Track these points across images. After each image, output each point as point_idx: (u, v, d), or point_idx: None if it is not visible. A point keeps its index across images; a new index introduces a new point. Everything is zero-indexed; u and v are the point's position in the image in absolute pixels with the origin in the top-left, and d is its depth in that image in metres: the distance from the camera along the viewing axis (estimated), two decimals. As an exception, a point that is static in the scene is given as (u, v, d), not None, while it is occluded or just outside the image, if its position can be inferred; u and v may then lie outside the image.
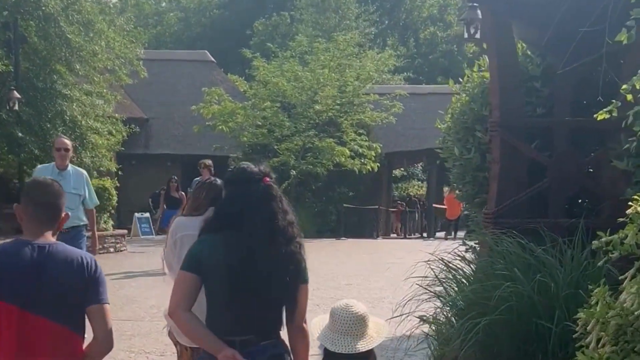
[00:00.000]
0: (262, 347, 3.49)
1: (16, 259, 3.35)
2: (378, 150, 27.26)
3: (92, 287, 3.43)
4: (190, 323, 3.43)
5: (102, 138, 20.13)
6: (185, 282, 3.45)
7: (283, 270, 3.49)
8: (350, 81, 27.12)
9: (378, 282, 13.98)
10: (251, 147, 27.57)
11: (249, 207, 3.50)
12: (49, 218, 3.49)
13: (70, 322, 3.41)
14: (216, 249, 3.47)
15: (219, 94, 27.17)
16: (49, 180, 3.63)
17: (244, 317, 3.46)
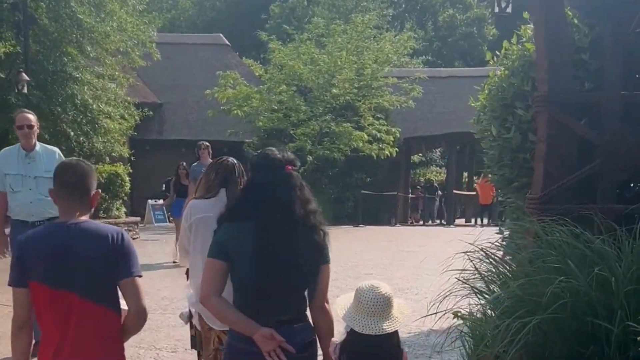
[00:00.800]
0: (296, 329, 3.60)
1: (46, 240, 3.46)
2: (397, 134, 26.64)
3: (121, 260, 3.48)
4: (223, 308, 3.55)
5: (115, 122, 19.58)
6: (214, 269, 3.55)
7: (304, 255, 3.56)
8: (368, 64, 26.44)
9: (399, 272, 13.39)
10: (266, 132, 27.01)
11: (269, 193, 3.57)
12: (76, 198, 3.55)
13: (104, 298, 3.47)
14: (240, 235, 3.55)
15: (234, 78, 26.60)
16: (75, 161, 3.67)
17: (271, 300, 3.54)
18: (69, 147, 18.62)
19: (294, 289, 3.63)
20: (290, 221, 3.55)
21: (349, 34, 26.90)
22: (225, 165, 5.12)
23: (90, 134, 18.82)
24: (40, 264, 3.42)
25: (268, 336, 3.45)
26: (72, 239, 3.44)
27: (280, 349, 3.49)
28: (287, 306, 3.60)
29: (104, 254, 3.45)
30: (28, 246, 3.49)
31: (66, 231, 3.46)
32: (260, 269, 3.50)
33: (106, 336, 3.53)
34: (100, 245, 3.45)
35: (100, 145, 19.10)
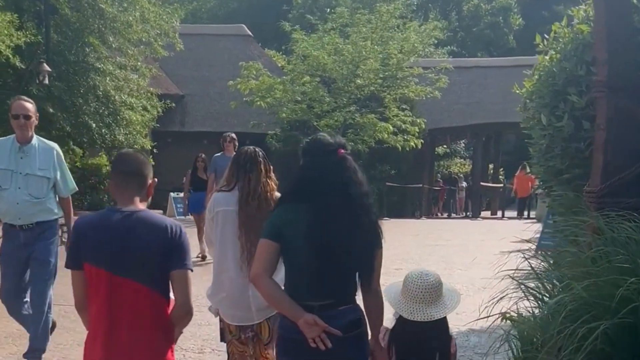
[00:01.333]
0: (341, 312, 3.59)
1: (104, 226, 3.54)
2: (422, 125, 26.12)
3: (175, 252, 3.54)
4: (271, 289, 3.60)
5: (137, 114, 19.27)
6: (266, 250, 3.61)
7: (359, 238, 3.59)
8: (393, 54, 25.94)
9: (430, 267, 12.86)
10: (289, 123, 26.61)
11: (323, 177, 3.63)
12: (134, 186, 3.63)
13: (156, 285, 3.54)
14: (294, 217, 3.61)
15: (256, 69, 26.18)
16: (132, 151, 3.84)
17: (322, 282, 3.56)
18: (90, 139, 18.36)
19: (345, 272, 3.66)
20: (343, 204, 3.60)
21: (373, 23, 26.41)
22: (245, 154, 5.10)
23: (112, 125, 18.54)
24: (96, 249, 3.52)
25: (311, 322, 3.48)
26: (130, 226, 3.52)
27: (325, 333, 3.52)
28: (337, 289, 3.63)
29: (161, 243, 3.53)
30: (84, 230, 3.60)
31: (125, 218, 3.54)
32: (312, 251, 3.54)
33: (159, 322, 3.60)
34: (158, 234, 3.54)
35: (122, 137, 18.81)
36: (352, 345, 3.65)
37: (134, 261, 3.50)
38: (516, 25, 47.03)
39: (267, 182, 5.00)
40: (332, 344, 3.52)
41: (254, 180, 4.93)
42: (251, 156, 5.07)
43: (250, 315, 4.92)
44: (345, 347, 3.58)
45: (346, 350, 3.60)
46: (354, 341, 3.66)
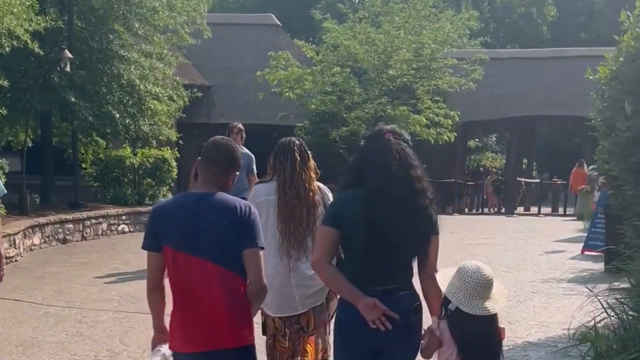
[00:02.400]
0: (401, 297, 3.68)
1: (179, 208, 3.72)
2: (456, 118, 25.22)
3: (246, 231, 3.67)
4: (331, 274, 3.70)
5: (162, 104, 18.54)
6: (326, 236, 3.70)
7: (413, 223, 3.63)
8: (428, 44, 25.05)
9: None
10: (318, 115, 25.83)
11: (368, 161, 3.75)
12: (213, 172, 3.78)
13: (230, 264, 3.64)
14: (351, 204, 3.68)
15: (285, 59, 25.39)
16: (221, 140, 3.88)
17: (381, 268, 3.64)
18: (114, 129, 17.68)
19: (401, 258, 3.72)
20: (394, 188, 3.62)
21: (407, 12, 25.52)
22: (279, 145, 5.19)
23: (137, 116, 17.83)
24: (172, 231, 3.68)
25: (371, 305, 3.55)
26: (203, 208, 3.68)
27: (385, 316, 3.57)
28: (395, 274, 3.70)
29: (231, 223, 3.66)
30: (162, 213, 3.78)
31: (197, 201, 3.71)
32: (369, 236, 3.60)
33: (235, 301, 3.69)
34: (228, 215, 3.66)
35: (147, 128, 18.12)
36: (410, 330, 3.74)
37: (208, 241, 3.64)
38: (550, 17, 45.89)
39: (303, 171, 5.05)
40: (395, 328, 3.59)
41: (289, 169, 5.00)
42: (285, 146, 5.14)
43: (294, 305, 4.95)
44: (403, 331, 3.67)
45: (404, 335, 3.69)
46: (412, 326, 3.75)
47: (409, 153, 3.77)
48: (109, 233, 16.54)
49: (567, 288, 10.36)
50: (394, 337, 3.64)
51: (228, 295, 3.68)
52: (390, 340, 3.64)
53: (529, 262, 12.80)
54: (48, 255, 12.98)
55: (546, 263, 12.75)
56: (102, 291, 10.18)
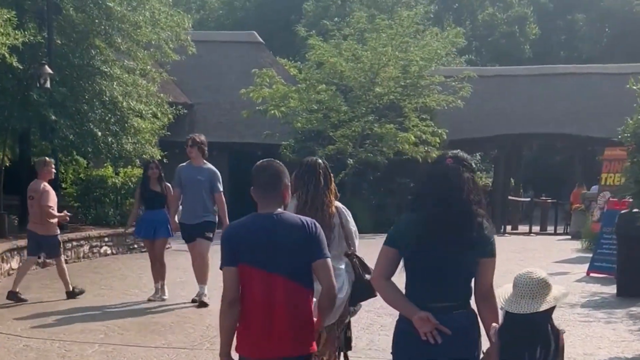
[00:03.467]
0: (455, 316, 3.79)
1: (252, 229, 4.04)
2: (444, 136, 24.81)
3: (314, 244, 4.04)
4: (387, 290, 3.92)
5: (146, 121, 17.89)
6: (386, 255, 3.92)
7: (463, 245, 3.79)
8: (415, 60, 24.63)
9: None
10: (304, 133, 25.36)
11: (429, 185, 3.98)
12: (271, 194, 4.11)
13: (302, 278, 4.02)
14: (411, 225, 3.89)
15: (270, 76, 24.98)
16: (266, 163, 4.20)
17: (434, 287, 3.82)
18: (95, 148, 17.01)
19: (455, 278, 3.82)
20: (449, 212, 3.78)
21: (394, 28, 25.11)
22: (304, 166, 5.35)
23: (119, 134, 17.17)
24: (249, 249, 3.95)
25: (424, 319, 3.70)
26: (276, 227, 3.99)
27: (437, 331, 3.72)
28: (448, 293, 3.81)
29: (302, 239, 3.99)
30: (236, 232, 4.08)
31: (269, 220, 4.02)
32: (422, 257, 3.82)
33: (305, 312, 4.02)
34: (299, 231, 4.00)
35: (130, 146, 17.44)
36: (463, 348, 3.82)
37: (282, 257, 3.95)
38: (533, 35, 45.80)
39: (325, 193, 5.18)
40: (443, 345, 3.72)
41: (311, 191, 5.14)
42: (311, 167, 5.29)
43: None
44: (456, 348, 3.78)
45: (457, 352, 3.79)
46: (465, 344, 3.84)
47: (465, 178, 3.87)
48: (91, 256, 15.85)
49: (583, 314, 9.85)
50: (447, 352, 3.78)
51: (297, 307, 3.99)
52: (444, 354, 3.78)
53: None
54: (27, 280, 12.30)
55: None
56: (87, 321, 9.51)
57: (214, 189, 10.38)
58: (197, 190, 10.37)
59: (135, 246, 16.86)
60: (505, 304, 3.86)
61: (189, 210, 10.56)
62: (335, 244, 5.27)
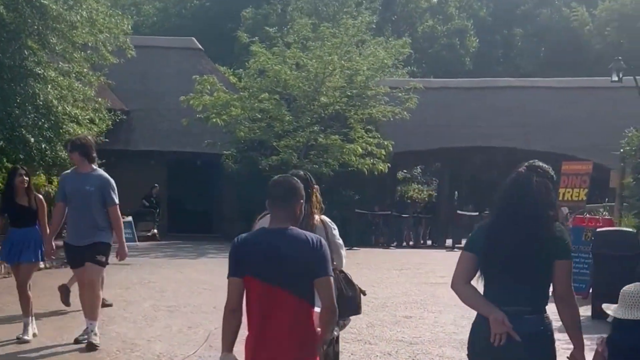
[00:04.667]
0: (527, 320, 3.92)
1: (259, 242, 4.17)
2: (389, 148, 24.21)
3: (317, 261, 4.09)
4: (465, 292, 4.07)
5: (82, 127, 16.79)
6: (463, 260, 4.11)
7: (537, 250, 3.94)
8: (362, 70, 24.00)
9: (446, 315, 10.83)
10: (247, 143, 24.48)
11: (499, 194, 4.21)
12: (284, 209, 4.21)
13: (304, 293, 4.09)
14: (484, 230, 4.14)
15: (211, 83, 24.08)
16: (282, 179, 4.39)
17: (507, 291, 3.96)
18: (28, 155, 15.81)
19: (528, 282, 3.97)
20: (521, 217, 3.98)
21: (339, 37, 24.45)
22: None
23: (54, 140, 16.01)
24: (254, 262, 4.11)
25: (500, 320, 3.84)
26: (282, 241, 4.11)
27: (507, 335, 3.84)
28: (520, 298, 3.94)
29: (304, 254, 4.08)
30: (243, 245, 4.22)
31: (276, 235, 4.15)
32: (495, 262, 4.01)
33: (306, 326, 4.12)
34: (303, 247, 4.09)
35: (65, 153, 16.29)
36: (534, 353, 3.91)
37: (285, 272, 4.06)
38: (473, 48, 45.73)
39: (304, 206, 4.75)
40: (515, 349, 3.83)
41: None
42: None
43: None
44: (527, 354, 3.87)
45: (528, 357, 3.89)
46: (537, 350, 3.92)
47: (537, 185, 4.03)
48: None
49: (564, 340, 9.18)
50: (517, 356, 3.87)
51: (298, 321, 4.07)
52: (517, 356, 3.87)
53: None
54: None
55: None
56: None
57: (107, 201, 8.39)
58: (85, 204, 8.35)
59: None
60: (612, 312, 4.17)
61: (73, 228, 8.60)
62: None
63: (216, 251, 20.33)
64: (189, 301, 11.66)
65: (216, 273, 15.44)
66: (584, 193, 16.14)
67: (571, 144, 26.26)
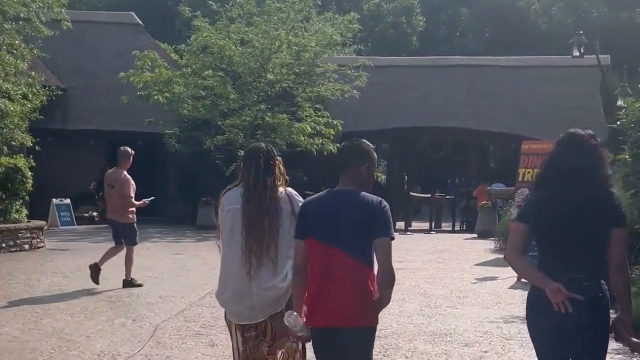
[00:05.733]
0: (584, 288, 3.93)
1: (320, 204, 4.28)
2: (339, 128, 23.37)
3: (377, 223, 4.10)
4: (520, 264, 4.19)
5: (15, 103, 15.63)
6: (518, 231, 4.19)
7: (593, 218, 3.96)
8: (310, 46, 23.11)
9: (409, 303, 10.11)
10: (191, 122, 23.44)
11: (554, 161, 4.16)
12: (346, 171, 4.28)
13: (360, 254, 4.10)
14: (541, 200, 4.12)
15: (152, 59, 22.88)
16: (349, 142, 4.44)
17: (564, 260, 3.99)
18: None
19: (584, 250, 3.99)
20: (581, 186, 3.98)
21: (285, 12, 23.50)
22: (246, 151, 5.29)
23: (-17, 117, 14.91)
24: (314, 223, 4.21)
25: (556, 290, 3.83)
26: (341, 203, 4.18)
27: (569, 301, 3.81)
28: (578, 266, 3.98)
29: (364, 215, 4.10)
30: (307, 207, 4.36)
31: (338, 197, 4.24)
32: (550, 231, 4.03)
33: (364, 288, 4.10)
34: (362, 208, 4.13)
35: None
36: (591, 319, 3.96)
37: (342, 233, 4.11)
38: (419, 27, 45.05)
39: (268, 178, 4.98)
40: (572, 314, 3.82)
41: (252, 177, 4.96)
42: (250, 152, 5.16)
43: (254, 314, 4.91)
44: (584, 319, 3.91)
45: (585, 322, 3.93)
46: (594, 315, 3.97)
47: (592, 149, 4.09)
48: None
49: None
50: (577, 320, 3.88)
51: (354, 282, 4.09)
52: (574, 322, 3.88)
53: (470, 294, 10.90)
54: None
55: (489, 294, 10.89)
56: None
57: None
58: None
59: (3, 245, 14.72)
60: None
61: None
62: (285, 231, 4.92)
63: (160, 235, 19.36)
64: (132, 290, 10.77)
65: (160, 259, 14.57)
66: (545, 173, 15.52)
67: (523, 124, 25.80)
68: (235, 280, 4.91)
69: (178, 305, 9.69)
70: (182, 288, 11.03)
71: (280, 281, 4.84)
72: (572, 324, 3.89)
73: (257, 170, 4.96)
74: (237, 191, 5.01)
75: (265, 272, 4.87)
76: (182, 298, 10.22)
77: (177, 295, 10.45)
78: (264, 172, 4.97)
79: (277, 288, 4.81)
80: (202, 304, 9.77)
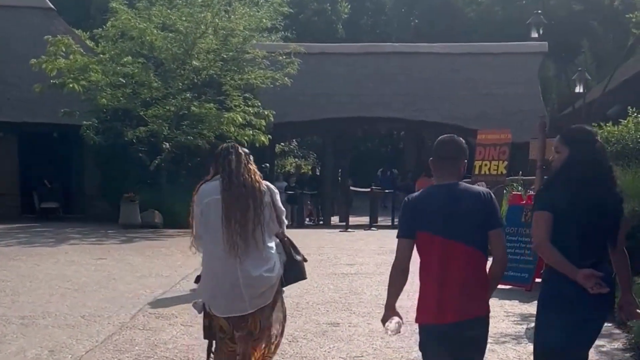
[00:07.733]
0: (604, 269, 4.19)
1: (432, 199, 4.33)
2: (270, 118, 21.98)
3: (490, 213, 4.26)
4: (553, 253, 4.18)
5: None
6: (544, 220, 4.23)
7: (612, 204, 4.25)
8: (238, 30, 21.58)
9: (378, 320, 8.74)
10: (110, 112, 21.74)
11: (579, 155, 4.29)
12: (448, 166, 4.38)
13: (478, 244, 4.23)
14: (562, 192, 4.24)
15: (66, 45, 21.03)
16: (448, 138, 4.47)
17: (588, 245, 4.18)
18: None
19: (599, 236, 4.23)
20: (599, 180, 4.24)
21: (209, -6, 21.86)
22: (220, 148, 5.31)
23: None
24: (428, 218, 4.23)
25: (588, 275, 4.01)
26: (455, 196, 4.26)
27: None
28: (598, 250, 4.25)
29: (480, 208, 4.24)
30: (416, 203, 4.36)
31: (449, 190, 4.30)
32: (578, 220, 4.17)
33: (482, 278, 4.27)
34: (476, 201, 4.26)
35: None
36: (610, 295, 4.21)
37: (460, 225, 4.20)
38: (344, 14, 43.89)
39: (248, 163, 5.13)
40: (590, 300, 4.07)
41: (234, 161, 5.05)
42: (224, 148, 5.25)
43: (243, 305, 4.89)
44: (605, 297, 4.13)
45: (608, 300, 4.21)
46: (611, 292, 4.22)
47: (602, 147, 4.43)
48: None
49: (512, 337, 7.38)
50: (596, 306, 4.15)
51: (475, 272, 4.24)
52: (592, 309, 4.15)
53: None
54: None
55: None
56: None
57: None
58: None
59: None
60: None
61: None
62: (267, 222, 5.06)
63: (80, 236, 17.53)
64: (49, 309, 9.11)
65: (81, 265, 12.84)
66: (504, 166, 14.34)
67: (460, 113, 24.85)
68: (220, 271, 4.95)
69: (105, 328, 8.12)
70: (109, 304, 9.42)
71: (267, 271, 4.96)
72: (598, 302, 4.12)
73: (237, 157, 5.10)
74: (212, 183, 5.07)
75: (252, 260, 4.95)
76: (109, 318, 8.62)
77: (104, 313, 8.86)
78: (240, 163, 5.11)
79: (264, 278, 4.93)
80: (134, 326, 8.22)
